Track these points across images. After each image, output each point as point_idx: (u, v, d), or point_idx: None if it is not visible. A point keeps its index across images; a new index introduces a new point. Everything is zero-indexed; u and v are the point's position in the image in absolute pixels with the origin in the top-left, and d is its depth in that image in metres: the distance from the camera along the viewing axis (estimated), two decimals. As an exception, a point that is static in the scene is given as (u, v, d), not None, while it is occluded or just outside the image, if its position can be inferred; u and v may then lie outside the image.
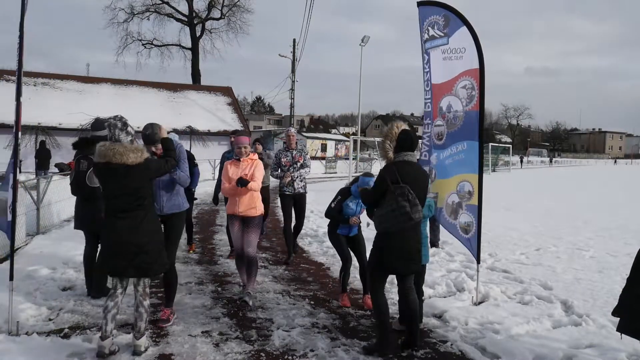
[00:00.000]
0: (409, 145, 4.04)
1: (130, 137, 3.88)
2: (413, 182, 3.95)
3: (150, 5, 38.12)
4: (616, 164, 71.67)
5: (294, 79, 32.48)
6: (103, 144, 3.81)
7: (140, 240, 3.83)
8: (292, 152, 7.27)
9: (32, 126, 21.29)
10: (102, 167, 3.79)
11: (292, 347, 4.11)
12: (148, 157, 3.93)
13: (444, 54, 5.41)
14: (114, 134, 3.82)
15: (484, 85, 5.09)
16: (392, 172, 3.94)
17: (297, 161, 7.25)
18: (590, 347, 4.11)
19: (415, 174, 4.03)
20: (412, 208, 3.85)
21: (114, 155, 3.73)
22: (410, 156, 4.04)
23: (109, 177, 3.81)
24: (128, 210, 3.85)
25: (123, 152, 3.74)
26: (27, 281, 5.47)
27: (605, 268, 6.92)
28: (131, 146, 3.82)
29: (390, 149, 4.17)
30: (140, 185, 3.87)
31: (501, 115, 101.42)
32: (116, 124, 3.85)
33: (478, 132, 5.13)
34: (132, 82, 29.94)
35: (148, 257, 3.86)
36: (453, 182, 5.37)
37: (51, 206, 9.48)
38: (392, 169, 3.97)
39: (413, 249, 4.03)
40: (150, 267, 3.90)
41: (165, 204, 4.53)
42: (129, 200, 3.84)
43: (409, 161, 4.02)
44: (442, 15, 5.40)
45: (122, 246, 3.82)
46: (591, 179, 31.80)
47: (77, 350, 3.87)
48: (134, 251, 3.81)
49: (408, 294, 4.14)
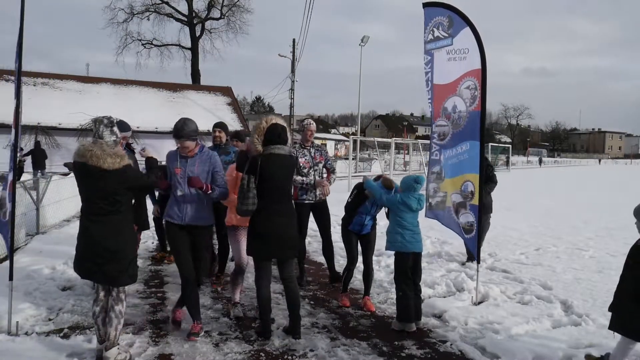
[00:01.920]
0: (275, 138, 4.24)
1: (114, 137, 3.73)
2: (278, 174, 4.20)
3: (150, 5, 38.09)
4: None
5: (293, 79, 32.49)
6: (83, 144, 3.68)
7: (112, 246, 3.64)
8: (311, 151, 5.97)
9: (32, 126, 21.27)
10: (79, 166, 3.64)
11: (292, 347, 4.11)
12: (128, 164, 3.70)
13: (449, 55, 5.43)
14: (98, 130, 3.70)
15: (485, 86, 5.11)
16: (254, 163, 4.17)
17: (318, 162, 5.92)
18: (590, 347, 4.10)
19: (281, 166, 4.23)
20: (242, 200, 4.11)
21: (91, 157, 3.57)
22: (278, 149, 4.23)
23: (84, 177, 3.66)
24: (101, 214, 3.65)
25: (100, 155, 3.58)
26: (26, 281, 5.47)
27: (605, 268, 6.91)
28: (111, 150, 3.65)
29: (258, 142, 4.31)
30: (116, 191, 3.65)
31: (501, 115, 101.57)
32: (102, 120, 3.75)
33: (479, 132, 5.15)
34: (131, 82, 29.89)
35: (118, 265, 3.66)
36: (458, 181, 5.40)
37: (51, 206, 9.47)
38: (255, 160, 4.20)
39: (283, 235, 4.22)
40: (119, 275, 3.69)
41: (188, 213, 4.20)
42: (103, 205, 3.64)
43: (275, 153, 4.21)
44: (446, 16, 5.41)
45: (92, 250, 3.65)
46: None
47: (77, 350, 3.87)
48: (105, 257, 3.62)
49: (288, 282, 4.34)
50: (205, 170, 4.23)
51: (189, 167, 4.20)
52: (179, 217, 4.21)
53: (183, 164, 4.20)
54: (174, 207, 4.24)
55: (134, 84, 29.70)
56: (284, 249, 4.25)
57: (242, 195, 4.13)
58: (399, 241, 4.62)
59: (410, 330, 4.47)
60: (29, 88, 24.51)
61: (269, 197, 4.17)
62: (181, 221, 4.20)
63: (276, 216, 4.20)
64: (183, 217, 4.21)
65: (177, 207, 4.22)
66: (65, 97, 25.68)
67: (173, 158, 4.26)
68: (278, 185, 4.23)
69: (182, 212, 4.21)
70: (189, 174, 4.15)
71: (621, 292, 3.50)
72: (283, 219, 4.25)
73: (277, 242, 4.20)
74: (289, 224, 4.30)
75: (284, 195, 4.32)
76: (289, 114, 35.17)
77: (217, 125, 6.32)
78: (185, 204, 4.20)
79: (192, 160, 4.22)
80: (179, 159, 4.22)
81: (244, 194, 4.12)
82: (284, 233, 4.23)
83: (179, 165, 4.20)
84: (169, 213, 4.28)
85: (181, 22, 39.34)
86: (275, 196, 4.21)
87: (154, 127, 24.84)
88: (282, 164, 4.25)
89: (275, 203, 4.22)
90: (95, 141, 3.67)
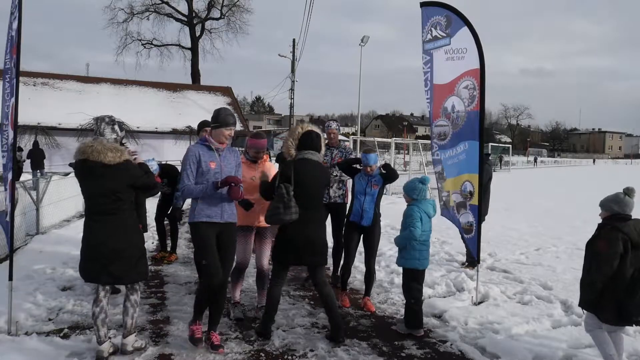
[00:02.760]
0: (309, 144, 4.22)
1: (115, 136, 3.78)
2: (310, 180, 4.16)
3: (150, 5, 38.08)
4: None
5: (293, 79, 32.47)
6: (84, 142, 3.73)
7: (117, 245, 3.64)
8: (332, 152, 5.75)
9: (32, 126, 21.28)
10: (80, 164, 3.65)
11: (292, 347, 4.11)
12: (128, 159, 3.73)
13: (447, 55, 5.42)
14: (99, 127, 3.74)
15: (484, 86, 5.10)
16: (289, 170, 4.12)
17: (335, 164, 5.62)
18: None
19: (313, 172, 4.20)
20: (285, 210, 4.00)
21: (92, 153, 3.60)
22: (311, 154, 4.21)
23: (86, 175, 3.66)
24: (105, 213, 3.65)
25: (101, 150, 3.60)
26: (26, 281, 5.46)
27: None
28: (111, 145, 3.67)
29: (292, 146, 4.30)
30: (118, 187, 3.64)
31: (501, 115, 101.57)
32: (104, 118, 3.80)
33: (478, 132, 5.14)
34: (131, 82, 29.89)
35: (124, 264, 3.67)
36: (458, 181, 5.40)
37: (51, 206, 9.47)
38: (289, 165, 4.16)
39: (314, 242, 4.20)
40: (126, 274, 3.70)
41: (226, 210, 3.96)
42: (106, 202, 3.64)
43: (308, 159, 4.20)
44: (444, 15, 5.41)
45: (96, 251, 3.63)
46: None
47: (77, 350, 3.87)
48: (109, 257, 3.62)
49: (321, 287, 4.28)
50: (236, 164, 4.10)
51: (224, 161, 3.98)
52: (219, 214, 3.93)
53: (216, 158, 3.95)
54: (211, 206, 3.90)
55: (133, 84, 29.70)
56: (315, 255, 4.22)
57: (283, 205, 4.00)
58: (416, 258, 4.47)
59: (418, 334, 4.44)
60: (29, 88, 24.51)
61: (302, 204, 4.09)
62: (220, 219, 3.93)
63: (309, 222, 4.16)
64: (222, 214, 3.94)
65: (214, 204, 3.90)
66: (65, 97, 25.67)
67: (204, 152, 3.94)
68: (311, 191, 4.19)
69: (221, 209, 3.94)
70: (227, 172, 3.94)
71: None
72: (315, 225, 4.24)
73: (309, 249, 4.17)
74: (321, 230, 4.30)
75: (316, 202, 4.29)
76: (289, 114, 35.16)
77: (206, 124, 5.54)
78: (222, 200, 3.91)
79: (223, 153, 4.01)
80: (209, 151, 3.95)
81: (286, 204, 4.00)
82: (316, 239, 4.21)
83: (213, 158, 3.94)
84: (206, 213, 3.89)
85: (181, 22, 39.34)
86: (308, 202, 4.15)
87: (154, 127, 24.87)
88: (315, 170, 4.23)
89: (309, 209, 4.16)
90: (96, 138, 3.70)
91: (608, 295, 3.50)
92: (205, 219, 3.89)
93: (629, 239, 3.47)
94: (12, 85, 4.17)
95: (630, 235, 3.48)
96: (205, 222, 3.89)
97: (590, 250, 3.65)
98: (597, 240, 3.60)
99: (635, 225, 3.55)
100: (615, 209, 3.63)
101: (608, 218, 3.66)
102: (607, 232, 3.54)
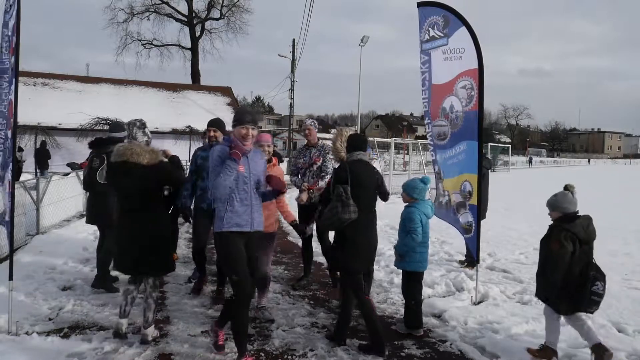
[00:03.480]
0: (359, 145, 4.22)
1: (146, 138, 4.13)
2: (365, 180, 4.12)
3: (150, 5, 38.08)
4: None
5: (293, 79, 32.45)
6: (122, 145, 4.08)
7: (149, 240, 3.97)
8: (311, 151, 5.57)
9: (32, 126, 21.27)
10: (119, 165, 3.98)
11: (292, 346, 4.12)
12: (163, 160, 4.10)
13: (445, 55, 5.42)
14: (132, 132, 4.10)
15: (482, 86, 5.10)
16: (343, 171, 4.08)
17: (313, 163, 5.52)
18: (589, 347, 4.11)
19: (367, 173, 4.19)
20: (343, 208, 3.93)
21: (132, 155, 3.95)
22: (362, 155, 4.20)
23: (124, 175, 3.96)
24: (139, 210, 4.00)
25: (140, 152, 3.97)
26: (27, 281, 5.46)
27: (604, 268, 6.88)
28: (148, 148, 4.06)
29: (342, 148, 4.28)
30: (153, 186, 4.03)
31: (500, 115, 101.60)
32: (135, 123, 4.15)
33: (477, 132, 5.14)
34: (131, 82, 29.89)
35: (155, 257, 4.02)
36: (457, 181, 5.41)
37: (51, 206, 9.47)
38: (344, 168, 4.11)
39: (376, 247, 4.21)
40: (157, 266, 4.09)
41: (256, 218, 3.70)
42: (141, 200, 3.99)
43: (360, 159, 4.18)
44: (441, 15, 5.41)
45: (131, 244, 3.98)
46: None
47: (77, 350, 3.87)
48: (142, 250, 3.95)
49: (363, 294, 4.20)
50: (264, 165, 3.92)
51: (253, 164, 3.71)
52: (249, 223, 3.66)
53: (244, 161, 3.62)
54: (240, 214, 3.61)
55: (133, 84, 29.70)
56: (373, 261, 4.18)
57: (342, 204, 3.92)
58: (417, 261, 4.45)
59: (418, 334, 4.43)
60: (29, 88, 24.51)
61: (361, 206, 3.99)
62: (250, 227, 3.67)
63: (371, 226, 4.12)
64: (252, 222, 3.68)
65: (243, 212, 3.62)
66: (65, 97, 25.67)
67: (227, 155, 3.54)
68: (368, 192, 4.14)
69: (250, 216, 3.67)
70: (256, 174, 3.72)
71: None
72: (375, 229, 4.18)
73: (371, 254, 4.12)
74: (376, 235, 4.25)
75: (373, 203, 4.22)
76: (288, 114, 35.16)
77: (212, 123, 5.37)
78: (251, 207, 3.67)
79: (251, 155, 3.71)
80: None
81: (345, 202, 3.92)
82: (375, 244, 4.20)
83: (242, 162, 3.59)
84: (235, 221, 3.59)
85: (181, 22, 39.34)
86: (366, 204, 4.08)
87: (154, 127, 24.73)
88: (368, 170, 4.20)
89: (368, 212, 4.09)
90: (131, 142, 4.08)
91: (562, 290, 3.77)
92: (235, 228, 3.59)
93: (578, 237, 3.76)
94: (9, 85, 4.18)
95: (579, 235, 3.77)
96: (232, 232, 3.59)
97: (544, 249, 3.91)
98: (551, 241, 3.83)
99: (582, 223, 3.82)
100: (567, 209, 3.89)
101: (559, 219, 3.89)
102: (558, 233, 3.80)
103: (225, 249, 3.65)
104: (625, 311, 5.09)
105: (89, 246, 7.13)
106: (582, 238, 3.77)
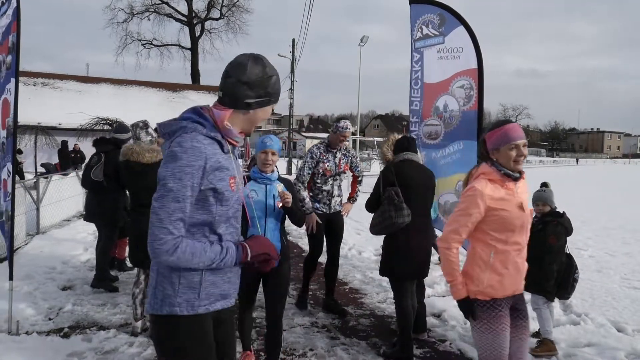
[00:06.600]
0: (406, 146, 4.04)
1: (149, 137, 4.30)
2: (416, 181, 3.89)
3: (150, 5, 38.15)
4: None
5: (293, 79, 32.44)
6: (125, 145, 4.34)
7: None
8: (336, 156, 4.83)
9: (32, 126, 21.28)
10: (123, 165, 4.28)
11: (292, 346, 4.12)
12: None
13: (440, 53, 5.40)
14: (135, 132, 4.31)
15: (482, 86, 5.10)
16: (389, 172, 3.92)
17: (341, 172, 4.86)
18: (588, 346, 4.12)
19: (418, 173, 3.96)
20: (396, 212, 3.73)
21: (132, 154, 4.21)
22: (410, 155, 4.01)
23: (129, 173, 4.26)
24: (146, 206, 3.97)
25: (139, 151, 4.20)
26: (27, 281, 5.47)
27: (604, 267, 6.93)
28: (148, 146, 4.25)
29: (388, 151, 4.24)
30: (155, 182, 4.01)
31: (500, 115, 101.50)
32: (138, 124, 4.36)
33: (477, 132, 5.14)
34: (131, 82, 29.92)
35: None
36: (451, 181, 5.39)
37: (51, 206, 9.48)
38: (389, 169, 3.95)
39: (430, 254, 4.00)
40: None
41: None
42: (147, 196, 3.97)
43: (408, 159, 3.98)
44: (437, 14, 5.39)
45: (141, 239, 3.96)
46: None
47: (77, 350, 3.88)
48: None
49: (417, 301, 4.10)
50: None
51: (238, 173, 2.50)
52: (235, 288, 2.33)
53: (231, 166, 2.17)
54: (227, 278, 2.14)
55: (133, 84, 29.73)
56: (427, 267, 3.95)
57: (395, 207, 3.72)
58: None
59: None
60: (29, 88, 24.52)
61: (414, 209, 3.78)
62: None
63: (424, 230, 3.89)
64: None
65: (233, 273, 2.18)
66: (65, 97, 25.69)
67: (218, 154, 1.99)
68: (420, 194, 3.87)
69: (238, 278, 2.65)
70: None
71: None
72: (427, 234, 3.97)
73: (424, 261, 3.89)
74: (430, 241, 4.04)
75: (427, 206, 3.98)
76: (288, 114, 35.15)
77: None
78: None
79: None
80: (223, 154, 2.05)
81: (398, 206, 3.72)
82: (429, 250, 3.95)
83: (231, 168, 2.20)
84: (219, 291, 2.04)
85: (181, 22, 39.38)
86: (419, 206, 3.85)
87: (154, 127, 24.82)
88: (419, 171, 3.96)
89: (421, 216, 3.86)
90: (135, 142, 4.30)
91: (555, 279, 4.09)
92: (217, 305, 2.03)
93: (567, 231, 4.12)
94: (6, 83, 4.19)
95: (568, 229, 4.13)
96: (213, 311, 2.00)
97: (539, 242, 3.98)
98: (548, 235, 4.06)
99: (567, 218, 4.17)
100: (554, 203, 4.21)
101: (548, 213, 4.17)
102: (554, 227, 4.08)
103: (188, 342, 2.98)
104: (625, 311, 5.10)
105: (89, 246, 7.14)
106: (569, 231, 4.15)
